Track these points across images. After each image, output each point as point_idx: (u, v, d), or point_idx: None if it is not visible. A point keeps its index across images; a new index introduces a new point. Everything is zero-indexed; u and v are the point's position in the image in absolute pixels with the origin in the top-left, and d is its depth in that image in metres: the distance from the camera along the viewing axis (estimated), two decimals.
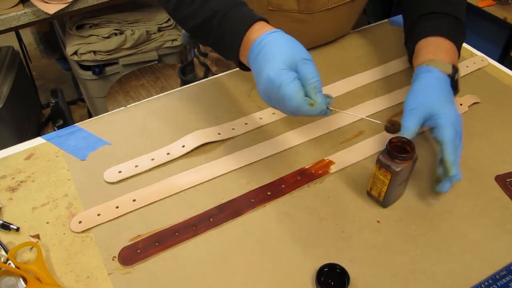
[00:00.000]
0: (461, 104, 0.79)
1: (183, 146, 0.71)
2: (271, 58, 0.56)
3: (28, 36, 2.22)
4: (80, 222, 0.61)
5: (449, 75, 0.67)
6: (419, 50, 0.72)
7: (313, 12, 0.81)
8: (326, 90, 0.83)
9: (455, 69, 0.68)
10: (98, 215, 0.61)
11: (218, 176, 0.67)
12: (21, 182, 0.66)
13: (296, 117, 0.60)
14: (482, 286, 0.55)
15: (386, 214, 0.63)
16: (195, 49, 1.02)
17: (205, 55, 0.98)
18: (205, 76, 0.97)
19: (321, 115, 0.57)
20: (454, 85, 0.68)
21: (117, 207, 0.62)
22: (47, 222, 0.61)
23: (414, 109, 0.64)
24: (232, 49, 0.62)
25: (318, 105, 0.55)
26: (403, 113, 0.65)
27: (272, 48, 0.57)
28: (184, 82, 1.05)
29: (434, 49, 0.70)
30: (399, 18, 1.03)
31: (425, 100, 0.64)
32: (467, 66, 0.88)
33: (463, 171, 0.68)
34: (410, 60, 0.77)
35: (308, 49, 0.91)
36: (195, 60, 1.02)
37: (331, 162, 0.69)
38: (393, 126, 0.62)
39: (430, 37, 0.72)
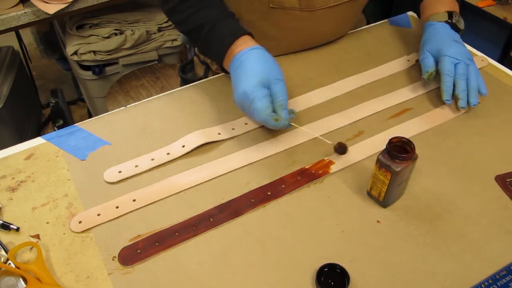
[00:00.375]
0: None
1: (183, 146, 0.71)
2: (248, 74, 0.65)
3: (28, 36, 2.22)
4: (80, 222, 0.61)
5: (446, 22, 0.80)
6: (422, 10, 0.86)
7: (314, 10, 0.81)
8: (326, 90, 0.83)
9: (451, 15, 0.80)
10: (98, 215, 0.61)
11: (218, 176, 0.67)
12: (21, 182, 0.66)
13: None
14: (482, 286, 0.55)
15: (386, 214, 0.63)
16: (195, 48, 1.02)
17: None
18: (205, 75, 0.98)
19: (283, 128, 0.67)
20: (455, 28, 0.80)
21: (117, 207, 0.62)
22: (47, 222, 0.61)
23: (424, 57, 0.79)
24: (217, 59, 0.71)
25: (282, 121, 0.65)
26: (421, 64, 0.80)
27: (250, 64, 0.66)
28: (184, 81, 1.05)
29: (432, 5, 0.83)
30: (399, 18, 1.03)
31: (431, 46, 0.79)
32: None
33: (463, 171, 0.69)
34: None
35: (309, 49, 0.92)
36: (195, 58, 1.03)
37: (331, 162, 0.69)
38: (340, 148, 0.68)
39: None
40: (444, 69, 0.75)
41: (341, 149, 0.68)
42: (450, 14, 0.81)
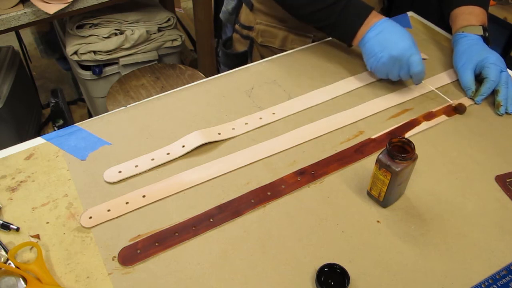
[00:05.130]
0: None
1: (183, 146, 0.71)
2: (401, 36, 0.77)
3: (28, 36, 2.22)
4: (90, 217, 0.61)
5: (481, 36, 0.85)
6: (455, 18, 0.89)
7: None
8: (328, 90, 0.83)
9: (485, 29, 0.86)
10: (108, 210, 0.62)
11: (218, 176, 0.67)
12: (21, 182, 0.66)
13: (395, 81, 0.83)
14: (482, 286, 0.55)
15: (386, 214, 0.63)
16: (237, 25, 1.06)
17: (249, 28, 1.02)
18: (250, 49, 1.04)
19: (418, 83, 0.80)
20: (486, 41, 0.85)
21: (127, 203, 0.63)
22: (47, 222, 0.61)
23: (464, 64, 0.83)
24: (351, 31, 0.82)
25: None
26: (457, 71, 0.85)
27: (397, 29, 0.78)
28: (226, 55, 1.11)
29: (467, 16, 0.87)
30: (399, 18, 1.03)
31: (470, 55, 0.83)
32: None
33: (463, 171, 0.69)
34: (448, 22, 0.93)
35: (308, 48, 0.92)
36: (235, 35, 1.07)
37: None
38: (460, 107, 0.78)
39: (462, 6, 0.88)
40: (491, 75, 0.79)
41: (460, 109, 0.77)
42: (485, 29, 0.86)
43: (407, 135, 0.74)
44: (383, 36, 0.78)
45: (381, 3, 1.05)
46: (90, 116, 1.99)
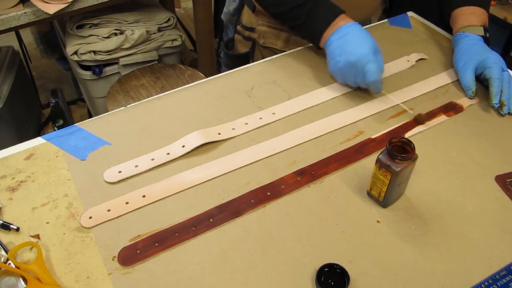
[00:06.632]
0: None
1: (183, 146, 0.71)
2: (360, 41, 0.76)
3: (28, 36, 2.22)
4: (90, 217, 0.61)
5: (482, 36, 0.85)
6: (456, 18, 0.89)
7: None
8: (327, 91, 0.83)
9: (486, 30, 0.85)
10: (108, 210, 0.62)
11: (218, 176, 0.67)
12: (21, 182, 0.66)
13: (354, 87, 0.82)
14: (482, 286, 0.55)
15: (386, 214, 0.63)
16: (238, 26, 1.06)
17: (251, 29, 1.02)
18: (252, 50, 1.04)
19: (377, 92, 0.78)
20: (487, 41, 0.85)
21: (127, 203, 0.63)
22: (47, 222, 0.61)
23: (464, 64, 0.82)
24: (317, 32, 0.81)
25: (381, 86, 0.77)
26: (458, 71, 0.84)
27: (359, 34, 0.77)
28: (228, 56, 1.11)
29: (468, 16, 0.87)
30: (399, 18, 1.03)
31: (470, 55, 0.82)
32: None
33: (463, 171, 0.69)
34: (448, 22, 0.93)
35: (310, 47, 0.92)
36: (237, 36, 1.07)
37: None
38: (419, 117, 0.76)
39: (463, 7, 0.88)
40: (495, 73, 0.78)
41: (420, 119, 0.76)
42: (485, 30, 0.85)
43: (407, 135, 0.74)
44: (344, 40, 0.77)
45: (384, 4, 1.05)
46: (90, 116, 1.99)
